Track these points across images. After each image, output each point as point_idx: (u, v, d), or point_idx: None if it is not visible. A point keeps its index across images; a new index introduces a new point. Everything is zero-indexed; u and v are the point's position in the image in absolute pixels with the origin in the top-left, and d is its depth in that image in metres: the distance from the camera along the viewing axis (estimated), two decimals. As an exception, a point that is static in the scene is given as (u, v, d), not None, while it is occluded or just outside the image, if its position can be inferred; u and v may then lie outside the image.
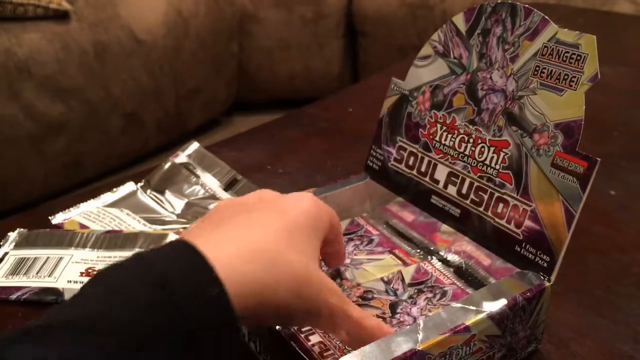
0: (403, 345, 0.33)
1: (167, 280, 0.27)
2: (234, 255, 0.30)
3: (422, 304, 0.41)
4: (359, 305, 0.41)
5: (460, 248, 0.46)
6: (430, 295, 0.42)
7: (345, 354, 0.32)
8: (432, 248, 0.47)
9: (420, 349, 0.33)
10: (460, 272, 0.45)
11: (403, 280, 0.44)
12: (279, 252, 0.32)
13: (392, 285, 0.43)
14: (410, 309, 0.41)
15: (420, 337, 0.33)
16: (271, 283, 0.31)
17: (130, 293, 0.26)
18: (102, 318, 0.25)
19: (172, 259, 0.28)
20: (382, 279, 0.44)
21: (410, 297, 0.42)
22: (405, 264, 0.46)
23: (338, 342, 0.37)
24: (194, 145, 0.68)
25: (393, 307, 0.41)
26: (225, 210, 0.36)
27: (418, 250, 0.48)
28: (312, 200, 0.37)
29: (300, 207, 0.36)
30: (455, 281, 0.44)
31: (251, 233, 0.33)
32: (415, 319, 0.40)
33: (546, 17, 0.41)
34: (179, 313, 0.26)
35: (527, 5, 0.42)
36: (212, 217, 0.36)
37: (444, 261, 0.46)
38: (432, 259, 0.46)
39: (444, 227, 0.47)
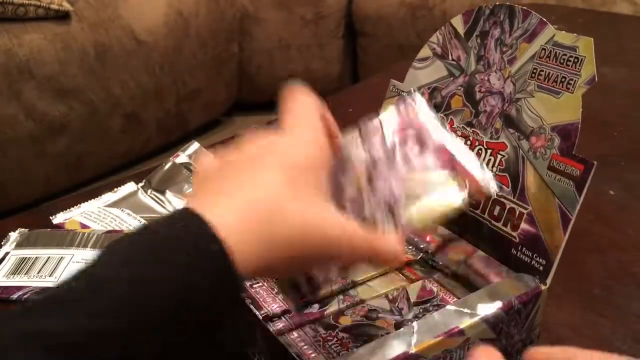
0: (396, 348, 0.33)
1: (168, 239, 0.28)
2: (234, 217, 0.30)
3: None
4: (363, 325, 0.40)
5: (469, 262, 0.45)
6: None
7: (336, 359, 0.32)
8: (422, 246, 0.47)
9: (413, 352, 0.33)
10: (468, 285, 0.43)
11: (408, 299, 0.43)
12: (279, 207, 0.31)
13: (397, 305, 0.42)
14: None
15: (414, 340, 0.33)
16: (269, 240, 0.30)
17: (131, 256, 0.28)
18: (105, 282, 0.27)
19: (171, 222, 0.30)
20: (386, 296, 0.43)
21: (416, 316, 0.41)
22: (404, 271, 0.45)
23: (332, 345, 0.37)
24: (195, 146, 0.68)
25: (398, 327, 0.40)
26: (226, 168, 0.35)
27: (410, 247, 0.47)
28: (310, 139, 0.36)
29: (300, 151, 0.35)
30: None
31: (251, 191, 0.32)
32: None
33: (544, 19, 0.41)
34: (180, 268, 0.27)
35: (525, 8, 0.42)
36: (213, 177, 0.34)
37: (451, 276, 0.45)
38: (436, 275, 0.45)
39: (440, 228, 0.46)
